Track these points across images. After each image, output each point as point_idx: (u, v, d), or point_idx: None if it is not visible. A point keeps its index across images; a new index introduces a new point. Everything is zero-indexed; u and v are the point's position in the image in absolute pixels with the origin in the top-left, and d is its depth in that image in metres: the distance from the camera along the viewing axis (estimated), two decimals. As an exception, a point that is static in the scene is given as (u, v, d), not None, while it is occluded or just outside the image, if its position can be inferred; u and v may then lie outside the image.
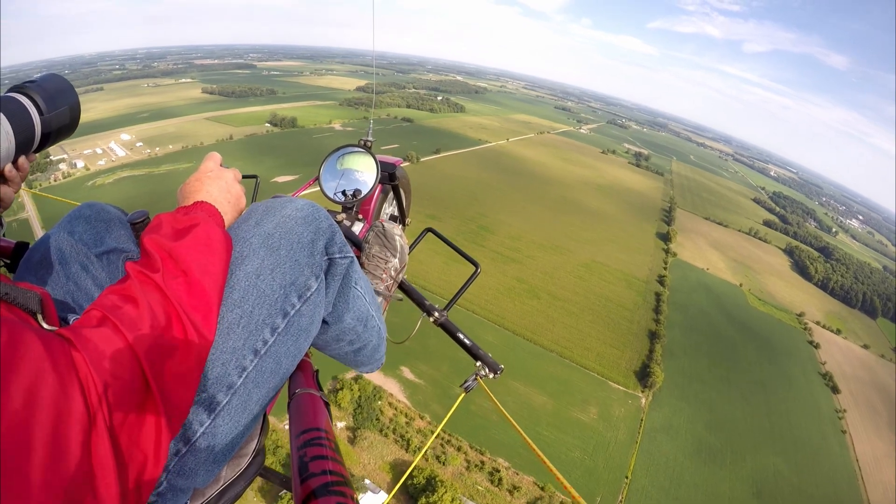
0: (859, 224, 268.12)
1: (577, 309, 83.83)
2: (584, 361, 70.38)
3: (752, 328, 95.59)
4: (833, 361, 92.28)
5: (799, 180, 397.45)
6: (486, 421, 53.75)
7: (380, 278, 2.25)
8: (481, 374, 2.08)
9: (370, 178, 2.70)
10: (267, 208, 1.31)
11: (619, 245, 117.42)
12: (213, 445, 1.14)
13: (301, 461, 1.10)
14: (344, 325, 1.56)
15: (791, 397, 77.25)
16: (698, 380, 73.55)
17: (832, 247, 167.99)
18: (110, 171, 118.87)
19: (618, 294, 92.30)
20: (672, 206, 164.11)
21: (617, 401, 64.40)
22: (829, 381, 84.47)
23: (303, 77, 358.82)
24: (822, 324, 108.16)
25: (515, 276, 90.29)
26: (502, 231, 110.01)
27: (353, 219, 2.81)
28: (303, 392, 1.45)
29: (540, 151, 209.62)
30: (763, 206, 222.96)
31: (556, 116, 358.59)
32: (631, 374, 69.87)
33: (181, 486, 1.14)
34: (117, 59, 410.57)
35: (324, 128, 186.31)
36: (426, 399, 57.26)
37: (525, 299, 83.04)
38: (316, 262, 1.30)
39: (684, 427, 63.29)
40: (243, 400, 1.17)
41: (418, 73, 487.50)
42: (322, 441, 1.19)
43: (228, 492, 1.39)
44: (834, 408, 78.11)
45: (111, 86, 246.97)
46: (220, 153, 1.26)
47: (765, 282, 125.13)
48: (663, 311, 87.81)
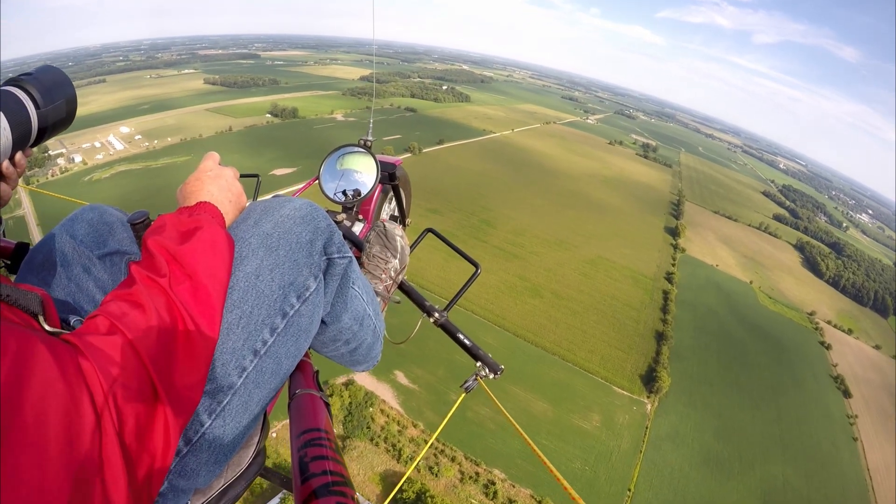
0: (869, 219, 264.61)
1: (582, 308, 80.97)
2: (588, 365, 67.63)
3: (763, 328, 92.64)
4: (845, 363, 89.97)
5: (808, 173, 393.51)
6: (482, 429, 51.67)
7: (379, 278, 2.26)
8: (481, 375, 2.12)
9: (370, 178, 2.70)
10: (265, 208, 1.31)
11: (626, 240, 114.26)
12: (213, 446, 1.15)
13: (301, 461, 1.10)
14: (341, 325, 1.56)
15: (802, 402, 74.53)
16: (707, 384, 70.78)
17: (843, 242, 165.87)
18: (108, 166, 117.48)
19: (624, 292, 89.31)
20: (681, 200, 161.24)
21: (621, 407, 61.73)
22: (840, 385, 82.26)
23: (307, 67, 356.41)
24: (833, 323, 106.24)
25: (518, 273, 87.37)
26: (505, 226, 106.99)
27: (353, 219, 2.84)
28: (303, 392, 1.45)
29: (545, 142, 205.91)
30: (773, 200, 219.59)
31: (562, 106, 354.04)
32: (636, 378, 67.14)
33: (182, 487, 1.15)
34: (122, 51, 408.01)
35: (325, 118, 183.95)
36: (420, 405, 54.83)
37: (527, 298, 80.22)
38: (314, 261, 1.28)
39: (691, 435, 60.67)
40: (243, 400, 1.17)
41: (423, 62, 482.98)
42: (322, 441, 1.18)
43: (229, 492, 1.39)
44: (846, 413, 75.71)
45: (114, 77, 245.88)
46: (218, 145, 1.28)
47: (775, 279, 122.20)
48: (671, 311, 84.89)
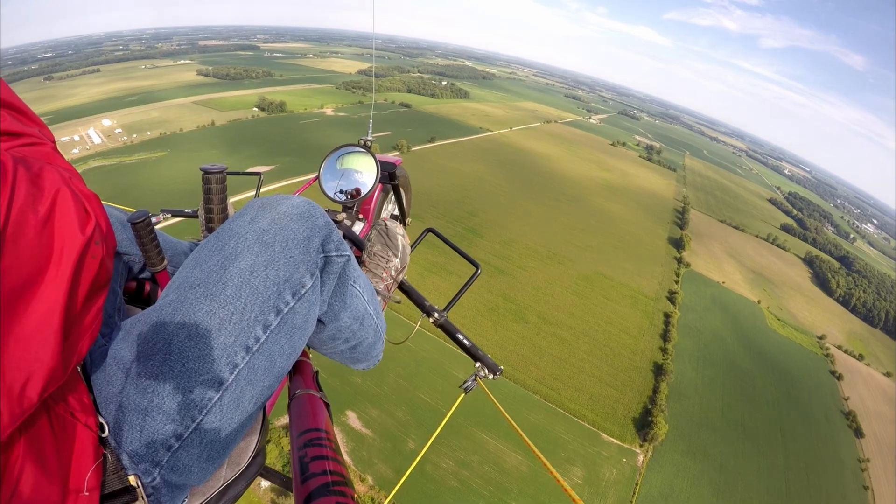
0: (874, 229, 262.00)
1: (572, 336, 72.07)
2: (574, 407, 58.91)
3: (772, 357, 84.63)
4: (856, 396, 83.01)
5: (813, 180, 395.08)
6: (442, 486, 44.28)
7: (380, 277, 2.28)
8: (480, 375, 2.16)
9: (370, 177, 2.72)
10: (262, 205, 1.31)
11: (627, 253, 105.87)
12: (205, 442, 1.16)
13: (301, 461, 1.10)
14: (340, 324, 1.57)
15: (811, 445, 66.94)
16: (708, 428, 62.37)
17: (852, 256, 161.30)
18: (81, 161, 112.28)
19: (621, 316, 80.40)
20: (685, 207, 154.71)
21: (609, 459, 53.04)
22: (852, 422, 75.28)
23: (305, 59, 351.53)
24: (843, 348, 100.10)
25: (502, 292, 78.20)
26: (493, 235, 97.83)
27: (353, 218, 2.91)
28: (303, 393, 1.45)
29: (545, 142, 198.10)
30: (780, 208, 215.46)
31: (565, 105, 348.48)
32: (629, 422, 58.54)
33: (175, 482, 1.16)
34: (124, 40, 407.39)
35: (314, 113, 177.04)
36: (371, 455, 46.40)
37: (509, 323, 71.24)
38: (311, 259, 1.28)
39: (687, 491, 52.32)
40: (235, 397, 1.17)
41: (426, 57, 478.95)
42: (322, 441, 1.19)
43: (229, 491, 1.39)
44: (857, 457, 68.29)
45: (109, 67, 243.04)
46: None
47: (784, 297, 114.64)
48: (672, 338, 76.35)
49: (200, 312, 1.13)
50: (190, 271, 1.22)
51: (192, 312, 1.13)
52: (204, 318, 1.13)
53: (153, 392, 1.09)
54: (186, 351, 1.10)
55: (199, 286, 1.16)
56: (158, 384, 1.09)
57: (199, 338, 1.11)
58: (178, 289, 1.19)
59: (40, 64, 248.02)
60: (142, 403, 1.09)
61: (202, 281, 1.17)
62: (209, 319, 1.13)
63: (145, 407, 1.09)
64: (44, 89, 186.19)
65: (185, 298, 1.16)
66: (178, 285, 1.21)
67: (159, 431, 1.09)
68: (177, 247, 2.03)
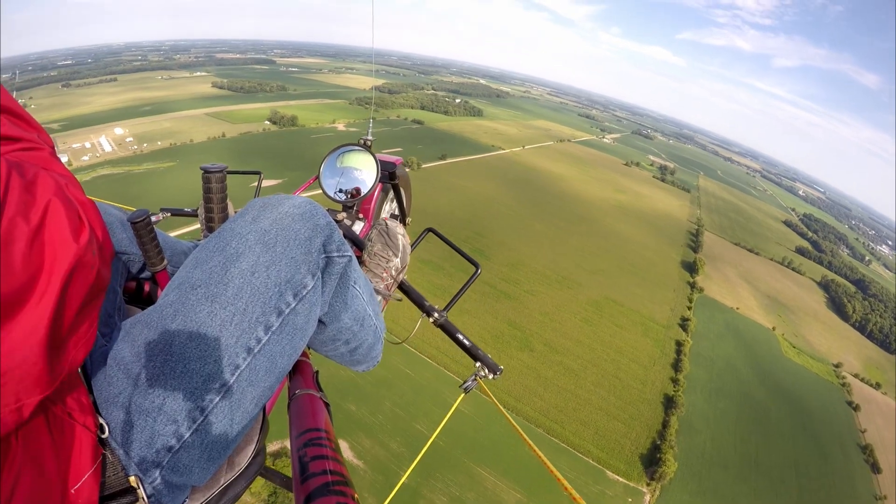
0: (889, 251, 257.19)
1: (579, 366, 69.65)
2: (578, 442, 56.44)
3: (787, 388, 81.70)
4: (873, 428, 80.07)
5: (827, 200, 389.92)
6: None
7: (380, 277, 2.28)
8: (480, 375, 2.15)
9: (370, 176, 2.74)
10: (264, 205, 1.31)
11: (639, 277, 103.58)
12: (206, 443, 1.16)
13: (301, 461, 1.10)
14: (341, 325, 1.57)
15: (826, 482, 64.07)
16: (720, 466, 59.58)
17: (868, 280, 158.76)
18: (90, 168, 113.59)
19: (631, 344, 77.82)
20: (699, 230, 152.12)
21: (614, 499, 50.54)
22: (868, 456, 72.36)
23: (320, 74, 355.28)
24: (860, 376, 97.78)
25: (508, 318, 76.03)
26: (500, 257, 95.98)
27: (353, 218, 2.91)
28: (303, 393, 1.45)
29: (557, 162, 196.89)
30: (795, 230, 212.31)
31: (578, 124, 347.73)
32: (636, 459, 55.98)
33: (176, 483, 1.16)
34: (143, 50, 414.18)
35: (325, 128, 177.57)
36: (361, 489, 44.32)
37: (514, 351, 69.02)
38: (313, 259, 1.28)
39: (698, 536, 49.85)
40: (236, 398, 1.18)
41: (441, 74, 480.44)
42: (322, 441, 1.19)
43: (229, 491, 1.39)
44: (874, 494, 65.35)
45: (126, 77, 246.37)
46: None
47: (800, 324, 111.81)
48: (684, 368, 73.79)
49: (202, 314, 1.13)
50: (191, 271, 1.21)
51: (194, 313, 1.13)
52: (205, 319, 1.13)
53: (154, 393, 1.09)
54: (187, 352, 1.10)
55: (201, 287, 1.16)
56: (159, 385, 1.09)
57: (201, 339, 1.11)
58: (179, 289, 1.18)
59: (59, 71, 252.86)
60: (142, 404, 1.09)
61: (203, 282, 1.17)
62: (210, 321, 1.13)
63: (146, 408, 1.09)
64: (60, 96, 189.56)
65: (187, 299, 1.15)
66: (178, 286, 1.20)
67: (160, 432, 1.09)
68: (177, 246, 2.03)
